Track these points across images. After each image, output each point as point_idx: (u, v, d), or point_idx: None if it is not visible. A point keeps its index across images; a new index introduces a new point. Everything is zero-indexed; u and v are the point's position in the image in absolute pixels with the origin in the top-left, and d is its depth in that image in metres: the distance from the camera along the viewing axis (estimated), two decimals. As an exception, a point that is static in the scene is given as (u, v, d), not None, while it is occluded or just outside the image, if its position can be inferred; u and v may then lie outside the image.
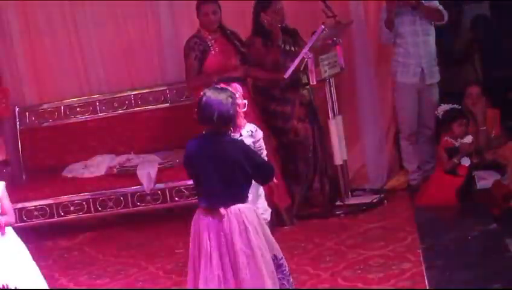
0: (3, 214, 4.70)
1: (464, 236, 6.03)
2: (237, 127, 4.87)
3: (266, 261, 4.46)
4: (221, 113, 4.39)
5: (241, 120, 4.99)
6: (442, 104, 7.30)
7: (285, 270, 4.63)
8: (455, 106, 7.24)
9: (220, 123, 4.41)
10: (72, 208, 7.34)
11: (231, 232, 4.42)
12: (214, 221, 4.45)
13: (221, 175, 4.43)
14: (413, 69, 7.34)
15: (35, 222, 7.24)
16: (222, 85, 4.62)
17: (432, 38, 7.39)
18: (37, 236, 6.96)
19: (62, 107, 8.06)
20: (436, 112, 7.29)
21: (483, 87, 7.60)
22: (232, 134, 4.63)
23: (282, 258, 4.61)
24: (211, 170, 4.43)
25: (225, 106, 4.41)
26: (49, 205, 7.32)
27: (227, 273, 4.42)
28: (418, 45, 7.32)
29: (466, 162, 7.04)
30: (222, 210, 4.43)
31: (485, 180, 7.00)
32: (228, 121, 4.44)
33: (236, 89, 4.85)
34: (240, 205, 4.47)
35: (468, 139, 7.09)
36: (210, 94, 4.45)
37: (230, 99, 4.45)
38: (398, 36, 7.36)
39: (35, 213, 7.26)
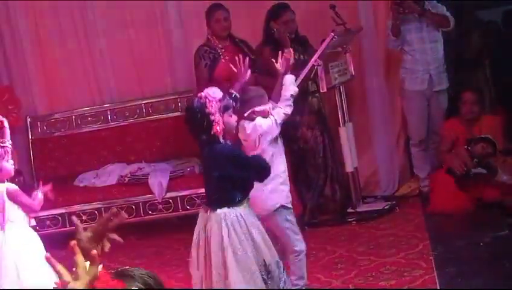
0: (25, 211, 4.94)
1: (476, 243, 6.02)
2: (225, 132, 4.74)
3: (239, 260, 4.60)
4: (192, 123, 4.69)
5: (229, 123, 4.79)
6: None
7: (273, 275, 4.72)
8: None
9: (196, 133, 4.71)
10: (84, 217, 7.35)
11: (210, 233, 4.66)
12: (202, 221, 4.76)
13: (209, 178, 4.78)
14: (421, 76, 7.34)
15: (47, 231, 7.26)
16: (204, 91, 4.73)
17: (440, 45, 7.38)
18: (50, 245, 6.96)
19: (73, 117, 8.08)
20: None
21: (493, 93, 7.57)
22: (226, 140, 4.74)
23: (269, 264, 4.70)
24: (204, 174, 4.89)
25: (193, 115, 4.65)
26: (61, 215, 7.35)
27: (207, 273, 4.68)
28: (425, 52, 7.31)
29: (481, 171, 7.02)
30: (204, 209, 4.77)
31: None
32: (201, 129, 4.63)
33: (214, 94, 4.73)
34: (225, 208, 4.65)
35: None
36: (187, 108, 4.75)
37: (197, 109, 4.62)
38: (405, 43, 7.36)
39: (48, 223, 7.28)
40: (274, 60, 5.43)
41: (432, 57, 7.35)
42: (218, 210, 4.68)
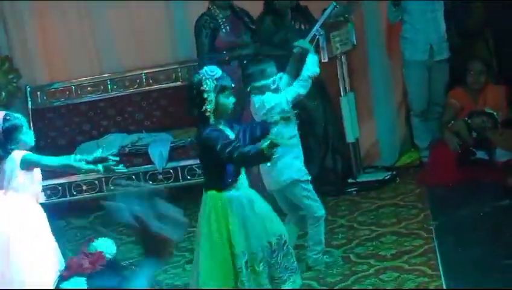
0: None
1: (476, 212, 6.02)
2: (219, 112, 4.69)
3: (212, 247, 4.66)
4: (188, 98, 4.76)
5: (223, 104, 4.71)
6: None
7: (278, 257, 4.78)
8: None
9: (190, 108, 4.76)
10: (84, 188, 7.37)
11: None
12: None
13: (200, 161, 4.92)
14: (421, 46, 7.31)
15: (47, 201, 7.26)
16: None
17: (440, 14, 7.33)
18: (50, 215, 6.96)
19: (73, 87, 8.06)
20: None
21: (495, 64, 7.54)
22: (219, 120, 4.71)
23: (260, 250, 4.73)
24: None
25: (190, 90, 4.70)
26: (61, 185, 7.35)
27: None
28: (426, 22, 7.27)
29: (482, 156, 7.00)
30: None
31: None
32: (194, 105, 4.65)
33: (212, 72, 4.68)
34: (213, 191, 4.70)
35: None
36: None
37: (194, 85, 4.65)
38: (405, 13, 7.31)
39: (48, 192, 7.28)
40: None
41: (433, 27, 7.31)
42: (208, 192, 4.74)
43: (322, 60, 6.78)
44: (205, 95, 4.60)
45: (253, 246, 4.71)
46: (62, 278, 1.84)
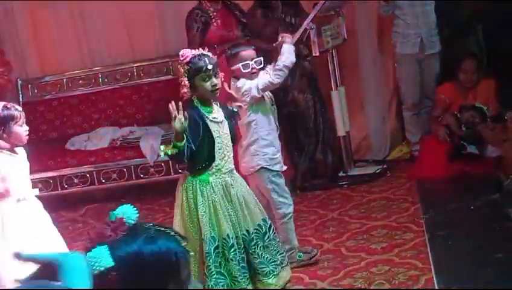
0: None
1: (467, 206, 6.03)
2: (199, 96, 4.76)
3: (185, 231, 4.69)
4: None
5: (199, 87, 4.76)
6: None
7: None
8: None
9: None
10: (75, 181, 7.37)
11: None
12: None
13: None
14: (412, 39, 7.33)
15: (39, 194, 7.23)
16: None
17: (431, 8, 7.35)
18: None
19: (64, 80, 8.06)
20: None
21: (485, 58, 7.56)
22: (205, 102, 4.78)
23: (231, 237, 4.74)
24: None
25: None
26: (53, 178, 7.35)
27: None
28: (416, 16, 7.29)
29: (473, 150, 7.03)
30: None
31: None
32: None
33: (182, 56, 4.73)
34: (190, 175, 4.79)
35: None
36: None
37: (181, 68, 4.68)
38: (397, 8, 7.34)
39: (39, 186, 7.26)
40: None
41: (423, 21, 7.33)
42: (186, 173, 4.83)
43: (313, 54, 6.81)
44: (180, 80, 4.67)
45: (224, 232, 4.69)
46: (86, 249, 1.87)
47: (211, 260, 4.66)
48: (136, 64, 8.03)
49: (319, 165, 7.33)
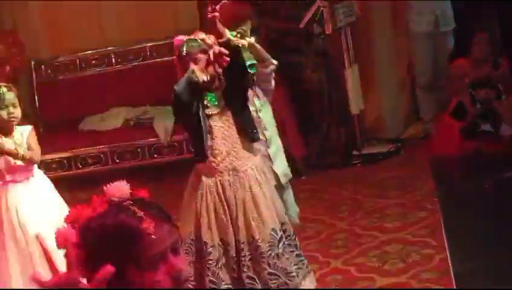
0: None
1: (480, 184, 6.02)
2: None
3: None
4: None
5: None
6: None
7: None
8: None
9: None
10: (89, 161, 7.39)
11: None
12: None
13: None
14: (426, 16, 7.28)
15: (53, 174, 7.26)
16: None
17: None
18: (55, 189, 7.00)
19: (78, 60, 8.07)
20: None
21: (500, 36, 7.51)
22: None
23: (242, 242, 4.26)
24: None
25: None
26: (67, 158, 7.38)
27: None
28: None
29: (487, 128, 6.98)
30: None
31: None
32: None
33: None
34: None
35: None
36: None
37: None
38: (410, -16, 7.30)
39: (53, 166, 7.30)
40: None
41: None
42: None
43: (326, 32, 6.78)
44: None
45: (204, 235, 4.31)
46: None
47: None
48: (149, 44, 8.01)
49: (332, 143, 7.33)
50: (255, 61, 4.50)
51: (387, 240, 5.35)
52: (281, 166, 4.81)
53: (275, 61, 4.66)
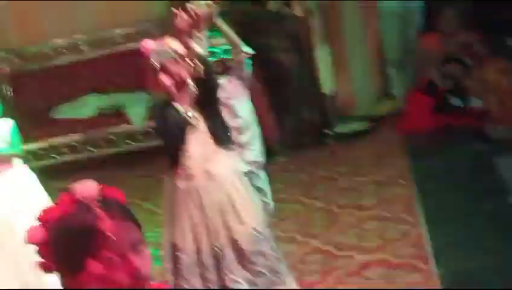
0: None
1: (454, 158, 6.10)
2: None
3: None
4: None
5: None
6: None
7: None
8: None
9: None
10: (64, 150, 7.36)
11: None
12: None
13: None
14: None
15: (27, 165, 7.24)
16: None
17: None
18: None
19: (47, 49, 8.01)
20: None
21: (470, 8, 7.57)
22: None
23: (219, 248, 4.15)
24: None
25: None
26: (41, 148, 7.34)
27: None
28: None
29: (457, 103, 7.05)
30: None
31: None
32: None
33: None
34: None
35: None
36: None
37: None
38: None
39: (28, 156, 7.26)
40: None
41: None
42: None
43: (296, 14, 6.80)
44: None
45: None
46: None
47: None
48: (118, 30, 7.98)
49: (305, 123, 7.36)
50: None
51: (364, 217, 5.41)
52: (252, 153, 4.77)
53: (247, 49, 4.61)
